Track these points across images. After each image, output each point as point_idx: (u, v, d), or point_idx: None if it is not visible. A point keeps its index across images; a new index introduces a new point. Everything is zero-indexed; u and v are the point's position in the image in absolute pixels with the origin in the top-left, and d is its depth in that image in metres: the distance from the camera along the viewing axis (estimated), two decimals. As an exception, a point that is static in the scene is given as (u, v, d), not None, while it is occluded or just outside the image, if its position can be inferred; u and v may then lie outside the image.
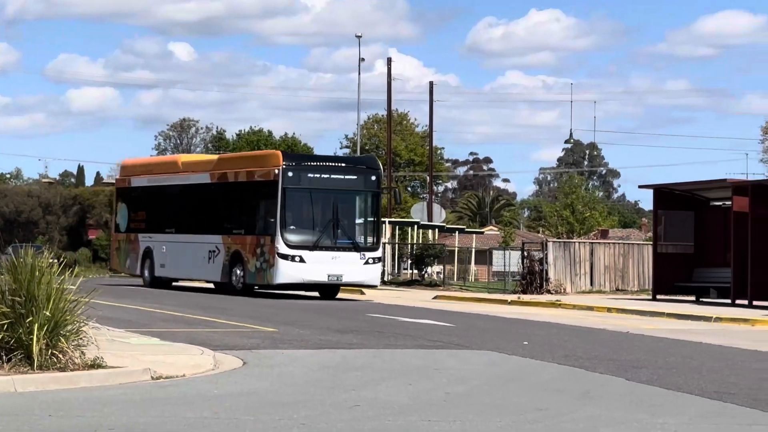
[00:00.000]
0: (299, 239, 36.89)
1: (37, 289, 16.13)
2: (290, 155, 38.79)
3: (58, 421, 13.00)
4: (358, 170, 38.88)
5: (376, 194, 39.07)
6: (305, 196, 37.58)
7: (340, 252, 37.26)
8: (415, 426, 13.22)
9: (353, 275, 37.45)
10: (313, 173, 37.70)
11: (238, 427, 12.88)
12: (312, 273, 36.56)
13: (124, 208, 48.62)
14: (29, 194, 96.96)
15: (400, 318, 30.97)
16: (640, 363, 20.38)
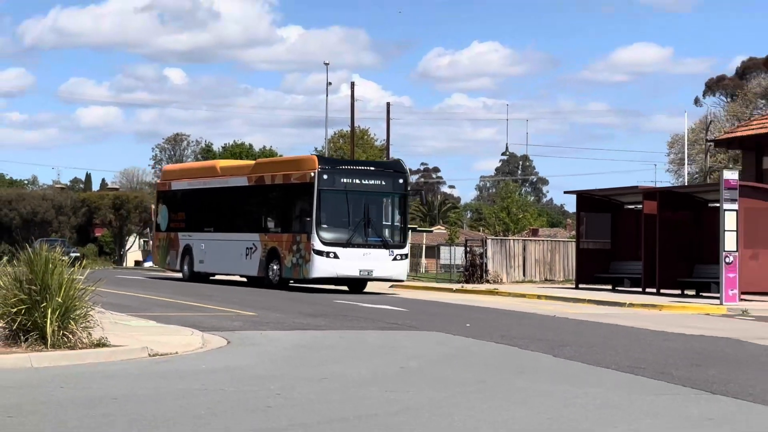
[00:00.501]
0: (333, 237, 34.77)
1: (50, 278, 16.09)
2: (325, 159, 36.50)
3: (69, 391, 12.97)
4: (386, 173, 36.31)
5: (404, 196, 36.66)
6: (339, 197, 35.08)
7: (370, 249, 34.91)
8: (374, 396, 13.20)
9: (382, 271, 35.09)
10: (346, 176, 35.25)
11: (223, 397, 12.84)
12: (345, 268, 34.43)
13: (164, 209, 45.99)
14: (44, 198, 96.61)
15: (362, 304, 30.92)
16: (565, 342, 20.42)
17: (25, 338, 15.89)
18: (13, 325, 16.08)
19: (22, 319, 15.98)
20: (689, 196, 40.87)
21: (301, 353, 18.10)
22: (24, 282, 16.23)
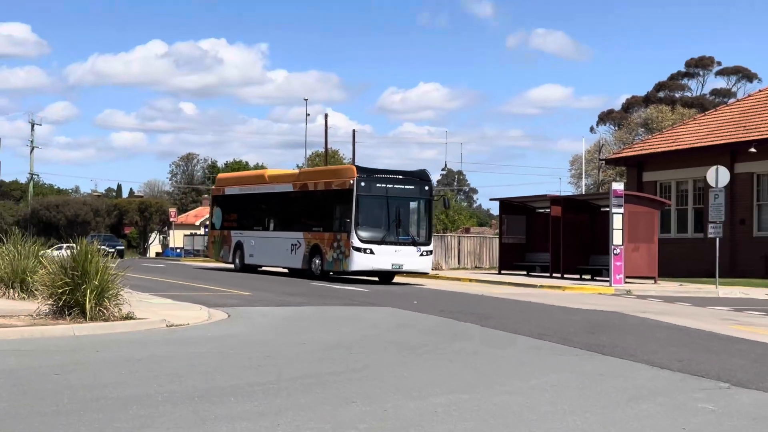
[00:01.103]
0: (369, 235, 32.05)
1: (89, 266, 16.07)
2: (362, 168, 32.86)
3: (104, 354, 12.94)
4: (414, 181, 33.20)
5: (429, 200, 33.59)
6: (374, 202, 32.32)
7: (401, 246, 32.25)
8: (342, 356, 13.23)
9: (411, 264, 32.51)
10: (380, 183, 32.43)
11: (224, 357, 12.85)
12: (380, 262, 31.97)
13: (218, 211, 43.11)
14: (84, 203, 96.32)
15: (334, 286, 30.94)
16: (490, 315, 20.49)
17: (68, 313, 15.91)
18: (59, 303, 16.06)
19: (66, 298, 15.98)
20: (586, 202, 41.15)
21: (286, 324, 18.10)
22: (68, 269, 16.21)
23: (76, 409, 8.89)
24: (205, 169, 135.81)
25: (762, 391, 11.17)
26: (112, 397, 9.60)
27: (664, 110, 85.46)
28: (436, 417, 9.02)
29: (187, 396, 9.74)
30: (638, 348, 15.13)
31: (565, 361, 13.46)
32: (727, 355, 14.52)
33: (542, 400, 10.12)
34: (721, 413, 9.71)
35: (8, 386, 10.07)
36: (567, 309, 23.34)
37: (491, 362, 13.01)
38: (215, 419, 8.60)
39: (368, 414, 9.04)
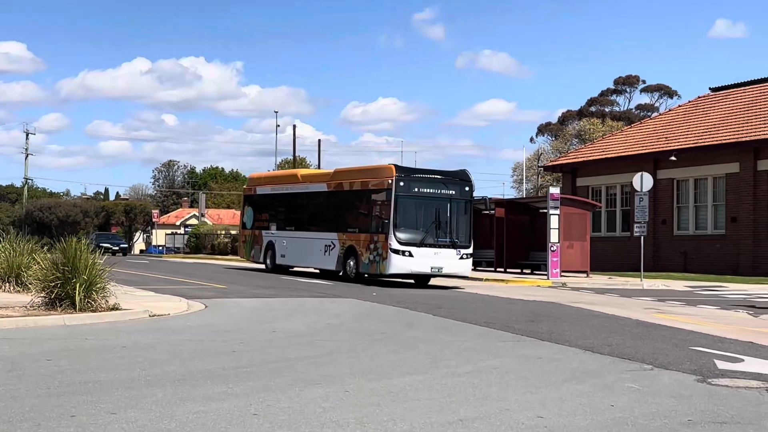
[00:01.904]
0: (408, 237, 27.87)
1: (78, 262, 15.95)
2: (401, 168, 28.70)
3: (92, 341, 12.81)
4: (454, 181, 28.80)
5: (469, 201, 28.87)
6: (413, 202, 28.02)
7: (440, 249, 28.04)
8: (309, 342, 13.19)
9: (450, 267, 28.22)
10: (419, 183, 28.24)
11: (202, 343, 12.78)
12: (418, 265, 27.81)
13: (250, 210, 38.03)
14: (74, 205, 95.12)
15: (301, 279, 30.86)
16: (440, 305, 20.54)
17: (60, 305, 15.77)
18: (51, 295, 15.94)
19: (57, 291, 15.87)
20: (526, 204, 41.41)
21: (257, 314, 18.02)
22: (59, 264, 16.08)
23: (67, 392, 8.81)
24: (184, 174, 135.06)
25: (681, 372, 11.29)
26: (99, 380, 9.52)
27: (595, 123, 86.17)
28: (392, 396, 9.02)
29: (168, 379, 9.68)
30: (573, 334, 15.23)
31: (508, 346, 13.52)
32: (650, 341, 14.65)
33: (487, 381, 10.16)
34: (645, 392, 9.80)
35: (4, 371, 9.96)
36: (509, 300, 23.44)
37: (442, 348, 13.04)
38: (193, 400, 8.55)
39: (331, 394, 9.03)
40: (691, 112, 46.47)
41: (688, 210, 41.53)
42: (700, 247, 40.40)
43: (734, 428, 8.05)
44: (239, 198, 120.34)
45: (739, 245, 38.56)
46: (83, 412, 7.88)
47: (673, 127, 45.27)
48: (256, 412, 8.08)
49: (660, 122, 48.34)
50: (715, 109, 44.69)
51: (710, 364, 12.02)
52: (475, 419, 8.08)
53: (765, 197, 37.89)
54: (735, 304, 24.00)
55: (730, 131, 40.49)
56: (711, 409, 8.89)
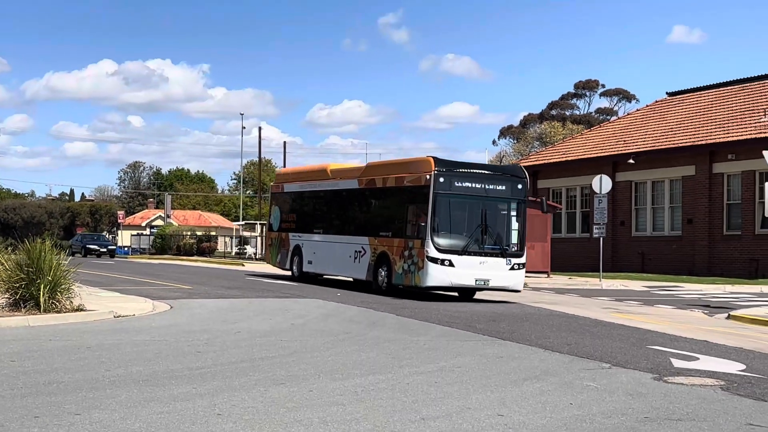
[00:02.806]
0: (449, 244, 22.76)
1: (42, 263, 15.79)
2: (442, 161, 23.52)
3: (56, 342, 12.69)
4: (506, 178, 23.83)
5: (523, 202, 23.95)
6: (455, 202, 22.95)
7: (487, 257, 22.91)
8: (272, 343, 13.16)
9: (499, 280, 23.07)
10: (463, 180, 23.14)
11: (167, 344, 12.69)
12: (460, 277, 22.63)
13: (276, 210, 32.88)
14: (39, 206, 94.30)
15: (266, 280, 30.75)
16: (404, 306, 20.51)
17: (24, 305, 15.61)
18: (16, 296, 15.78)
19: (22, 291, 15.72)
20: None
21: (222, 314, 17.93)
22: (23, 265, 15.92)
23: (31, 392, 8.71)
24: (150, 175, 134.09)
25: (638, 370, 11.40)
26: (63, 381, 9.43)
27: (556, 126, 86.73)
28: (355, 396, 9.03)
29: (132, 380, 9.61)
30: (533, 334, 15.33)
31: (470, 345, 13.57)
32: (609, 340, 14.79)
33: (449, 380, 10.20)
34: (603, 390, 9.89)
35: (-33, 372, 9.83)
36: (473, 300, 23.52)
37: (405, 347, 13.06)
38: (158, 400, 8.49)
39: (295, 394, 9.02)
40: (649, 116, 46.94)
41: (646, 211, 41.94)
42: (657, 247, 40.82)
43: (689, 425, 8.15)
44: (205, 199, 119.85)
45: (695, 246, 39.01)
46: (47, 412, 7.80)
47: (632, 130, 45.71)
48: (220, 412, 8.05)
49: (619, 126, 48.80)
50: (672, 113, 45.19)
51: (666, 362, 12.16)
52: (436, 418, 8.10)
53: (720, 199, 38.37)
54: (691, 303, 24.29)
55: (687, 135, 40.95)
56: (667, 407, 8.99)
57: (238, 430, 7.37)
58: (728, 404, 9.25)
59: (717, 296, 27.44)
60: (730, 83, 44.82)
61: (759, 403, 9.37)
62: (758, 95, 40.94)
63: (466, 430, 7.67)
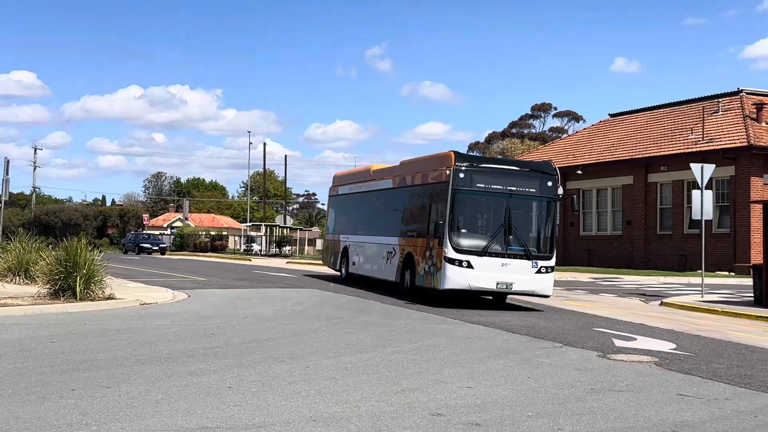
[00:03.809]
0: (468, 244, 18.26)
1: (78, 258, 15.69)
2: (463, 156, 19.27)
3: (91, 325, 12.60)
4: (533, 175, 18.96)
5: (552, 200, 18.79)
6: (477, 199, 18.62)
7: (510, 259, 18.19)
8: (275, 326, 13.10)
9: (524, 284, 18.27)
10: (486, 175, 18.64)
11: (185, 327, 12.62)
12: (480, 280, 18.04)
13: (332, 212, 29.34)
14: (76, 210, 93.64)
15: (270, 273, 30.67)
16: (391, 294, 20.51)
17: (62, 295, 15.53)
18: (55, 287, 15.69)
19: (61, 283, 15.64)
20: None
21: (232, 302, 17.86)
22: (62, 260, 15.82)
23: (68, 369, 8.65)
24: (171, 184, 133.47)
25: (585, 349, 11.42)
26: (96, 359, 9.37)
27: (516, 142, 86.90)
28: (346, 371, 9.00)
29: (155, 358, 9.56)
30: (496, 318, 15.33)
31: (444, 328, 13.56)
32: (561, 323, 14.82)
33: (425, 357, 10.19)
34: (556, 366, 9.91)
35: (14, 352, 9.76)
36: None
37: (388, 330, 13.04)
38: (177, 375, 8.45)
39: (295, 369, 8.99)
40: (594, 134, 47.12)
41: (592, 215, 42.10)
42: (601, 245, 40.98)
43: (629, 396, 8.17)
44: (217, 204, 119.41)
45: (633, 243, 39.19)
46: (82, 386, 7.75)
47: (580, 146, 45.86)
48: (230, 385, 8.01)
49: (569, 142, 48.96)
50: (614, 131, 45.37)
51: (609, 342, 12.20)
52: (414, 390, 8.09)
53: (654, 204, 38.59)
54: (629, 292, 24.37)
55: (626, 150, 41.14)
56: (610, 380, 9.01)
57: (246, 400, 7.34)
58: (661, 377, 9.29)
59: (652, 286, 27.55)
60: (662, 106, 45.05)
61: (687, 376, 9.42)
62: (686, 116, 41.18)
63: (439, 399, 7.67)
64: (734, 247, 34.49)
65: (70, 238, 16.53)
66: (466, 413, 7.13)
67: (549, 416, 7.11)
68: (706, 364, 10.26)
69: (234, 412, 6.87)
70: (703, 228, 22.55)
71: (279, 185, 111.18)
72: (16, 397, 7.21)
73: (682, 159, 35.19)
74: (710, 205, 22.01)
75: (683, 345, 12.14)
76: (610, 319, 15.73)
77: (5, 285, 18.52)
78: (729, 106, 38.95)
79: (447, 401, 7.60)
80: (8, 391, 7.41)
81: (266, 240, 69.18)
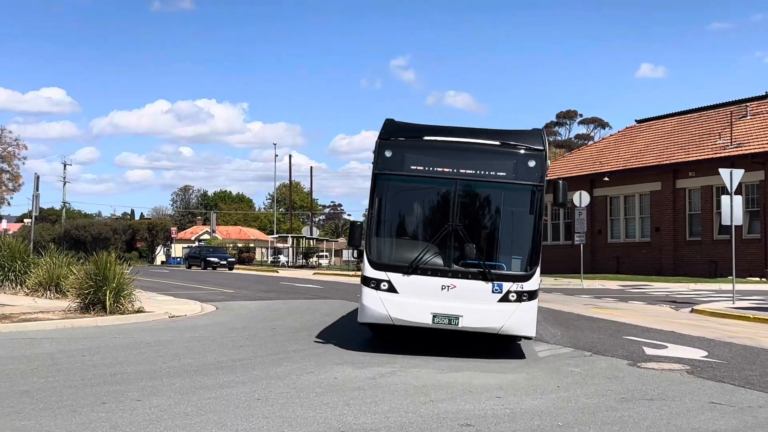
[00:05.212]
0: (390, 256, 11.33)
1: (108, 272, 15.80)
2: (395, 126, 11.52)
3: (120, 339, 12.69)
4: (503, 151, 11.29)
5: (534, 189, 11.33)
6: (409, 189, 11.51)
7: (456, 279, 10.87)
8: (303, 337, 13.10)
9: (478, 317, 10.83)
10: (428, 153, 11.31)
11: (213, 340, 12.66)
12: (406, 310, 10.99)
13: None
14: (105, 224, 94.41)
15: (297, 284, 30.75)
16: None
17: (93, 309, 15.65)
18: (86, 301, 15.80)
19: (91, 297, 15.73)
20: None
21: (260, 313, 17.91)
22: (92, 274, 15.93)
23: (99, 382, 8.72)
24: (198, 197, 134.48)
25: (615, 357, 11.31)
26: (126, 372, 9.43)
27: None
28: (374, 382, 8.98)
29: (185, 371, 9.60)
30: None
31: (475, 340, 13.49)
32: (589, 331, 14.69)
33: (453, 368, 10.12)
34: (585, 374, 9.82)
35: (46, 366, 9.86)
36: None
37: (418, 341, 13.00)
38: (206, 388, 8.49)
39: (323, 381, 8.99)
40: (621, 141, 46.79)
41: (620, 222, 41.76)
42: (630, 252, 40.62)
43: (660, 404, 8.08)
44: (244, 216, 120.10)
45: (662, 250, 38.79)
46: (113, 399, 7.80)
47: (606, 153, 45.56)
48: (259, 397, 8.03)
49: (595, 149, 48.65)
50: (641, 137, 45.02)
51: (639, 350, 12.07)
52: (443, 400, 8.04)
53: (683, 210, 38.21)
54: (659, 299, 24.12)
55: (653, 156, 40.79)
56: (640, 389, 8.92)
57: (275, 412, 7.35)
58: (693, 385, 9.17)
59: (682, 293, 27.25)
60: (689, 111, 44.64)
61: (720, 384, 9.29)
62: (714, 121, 40.77)
63: (468, 410, 7.63)
64: (765, 253, 34.03)
65: (99, 252, 16.67)
66: (495, 423, 7.09)
67: (579, 426, 7.05)
68: (739, 372, 10.12)
69: (263, 423, 6.89)
70: (733, 234, 22.28)
71: (305, 197, 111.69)
72: (47, 410, 7.28)
73: (711, 164, 34.80)
74: (740, 210, 21.76)
75: (715, 352, 11.98)
76: (640, 327, 15.57)
77: (36, 299, 18.73)
78: (757, 110, 38.51)
79: (476, 412, 7.56)
80: (40, 405, 7.49)
81: (293, 251, 69.41)
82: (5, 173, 65.93)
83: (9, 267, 20.40)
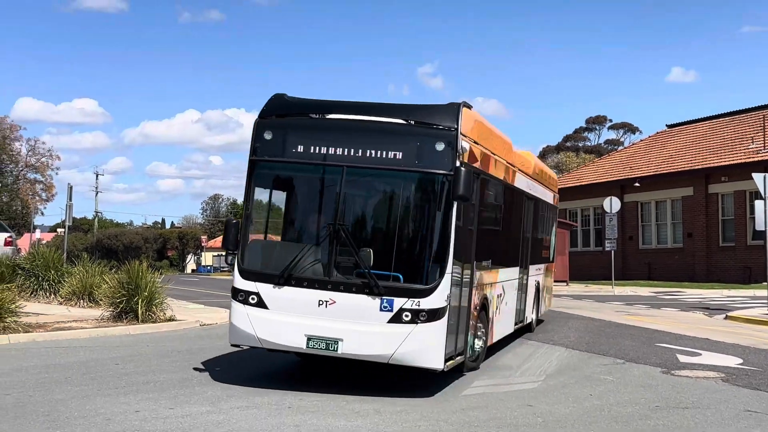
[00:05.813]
0: (259, 263, 9.12)
1: (140, 281, 15.93)
2: (284, 102, 9.09)
3: (153, 346, 12.80)
4: (403, 130, 8.61)
5: (438, 179, 8.45)
6: (286, 179, 9.35)
7: (337, 293, 8.41)
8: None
9: (363, 341, 8.34)
10: (312, 133, 8.80)
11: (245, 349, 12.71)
12: (277, 330, 8.68)
13: None
14: (136, 233, 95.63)
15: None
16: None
17: (125, 317, 15.75)
18: (118, 310, 15.92)
19: (123, 305, 15.83)
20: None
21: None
22: (124, 283, 16.06)
23: (132, 391, 8.80)
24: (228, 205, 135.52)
25: (648, 365, 11.20)
26: (159, 380, 9.50)
27: (570, 156, 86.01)
28: (404, 388, 8.95)
29: (217, 379, 9.65)
30: (556, 335, 15.11)
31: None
32: (622, 339, 14.55)
33: (487, 374, 10.08)
34: (618, 382, 9.73)
35: (80, 374, 9.96)
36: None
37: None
38: (237, 396, 8.53)
39: (354, 388, 8.96)
40: (651, 146, 46.37)
41: (651, 227, 41.34)
42: (662, 258, 40.18)
43: (695, 413, 7.97)
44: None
45: (695, 256, 38.33)
46: (146, 407, 7.87)
47: (637, 158, 45.17)
48: (290, 405, 8.05)
49: (625, 154, 48.26)
50: (672, 142, 44.59)
51: (673, 358, 11.93)
52: (474, 408, 7.99)
53: (715, 216, 37.73)
54: (692, 306, 23.83)
55: (685, 161, 40.38)
56: (675, 397, 8.81)
57: (306, 420, 7.37)
58: (728, 393, 9.04)
59: (715, 300, 26.90)
60: (721, 116, 44.15)
61: (755, 392, 9.15)
62: (746, 125, 40.27)
63: (500, 417, 7.58)
64: (801, 258, 33.50)
65: (131, 261, 16.82)
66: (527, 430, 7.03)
67: (612, 435, 6.97)
68: (776, 380, 9.96)
69: None
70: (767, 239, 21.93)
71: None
72: (81, 419, 7.35)
73: (744, 169, 34.34)
74: (774, 215, 21.41)
75: (750, 360, 11.80)
76: (673, 334, 15.39)
77: (70, 308, 18.94)
78: (791, 114, 37.96)
79: (507, 420, 7.51)
80: (74, 414, 7.57)
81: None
82: (39, 183, 66.88)
83: (43, 276, 20.64)
